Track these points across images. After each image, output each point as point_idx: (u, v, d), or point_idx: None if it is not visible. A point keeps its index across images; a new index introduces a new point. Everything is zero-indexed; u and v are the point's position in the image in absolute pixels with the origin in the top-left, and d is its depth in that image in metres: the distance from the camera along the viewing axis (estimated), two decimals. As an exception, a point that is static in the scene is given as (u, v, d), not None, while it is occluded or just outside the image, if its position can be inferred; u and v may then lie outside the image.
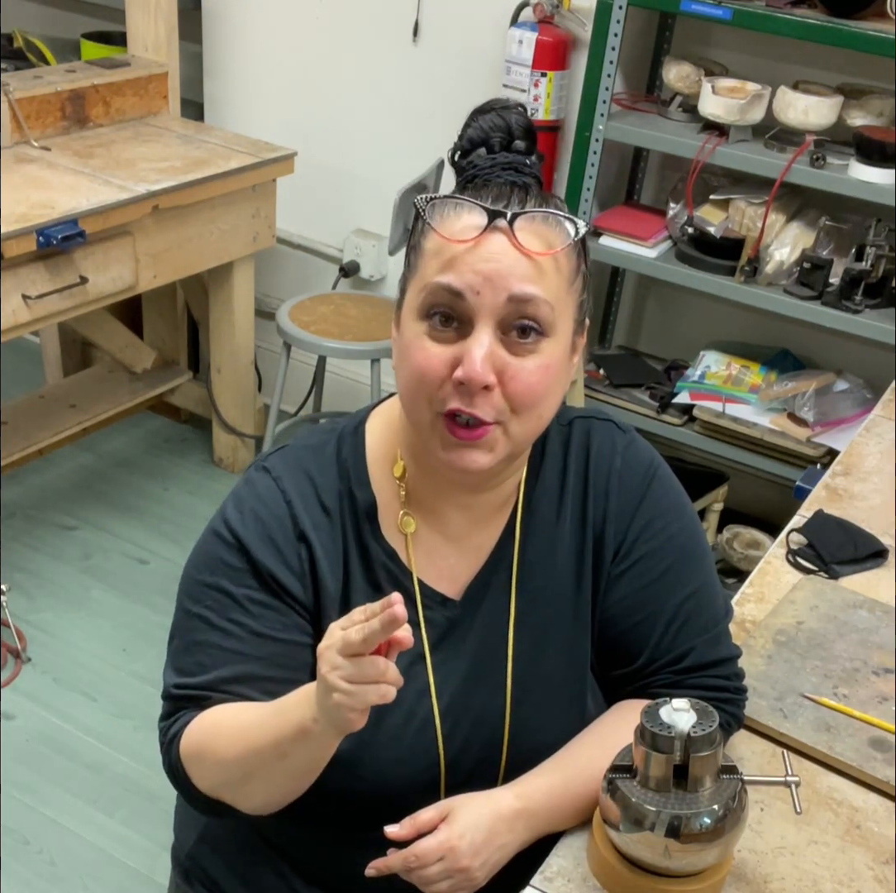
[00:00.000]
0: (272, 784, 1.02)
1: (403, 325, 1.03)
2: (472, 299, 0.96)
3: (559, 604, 1.13)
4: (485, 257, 0.96)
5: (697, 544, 1.14)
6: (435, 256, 0.99)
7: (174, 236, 2.66)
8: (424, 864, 1.02)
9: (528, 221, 0.97)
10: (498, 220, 0.96)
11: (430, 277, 0.98)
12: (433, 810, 1.04)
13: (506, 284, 0.96)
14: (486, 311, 0.97)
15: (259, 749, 0.99)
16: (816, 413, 2.51)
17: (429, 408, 1.00)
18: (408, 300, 1.02)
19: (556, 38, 2.62)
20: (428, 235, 1.00)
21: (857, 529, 1.56)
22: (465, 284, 0.96)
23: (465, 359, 0.96)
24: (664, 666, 1.11)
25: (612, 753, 1.02)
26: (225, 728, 1.03)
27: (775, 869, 1.06)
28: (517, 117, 1.03)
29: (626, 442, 1.15)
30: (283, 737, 0.97)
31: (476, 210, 0.97)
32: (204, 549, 1.11)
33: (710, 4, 2.32)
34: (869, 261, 2.40)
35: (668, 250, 2.64)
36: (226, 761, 1.02)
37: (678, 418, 2.67)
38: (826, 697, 1.25)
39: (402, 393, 1.04)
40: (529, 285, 0.97)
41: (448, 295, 0.97)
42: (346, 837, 1.15)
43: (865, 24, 2.24)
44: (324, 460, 1.11)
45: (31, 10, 3.54)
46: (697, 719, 0.96)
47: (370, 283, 3.25)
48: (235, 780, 1.03)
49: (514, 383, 0.98)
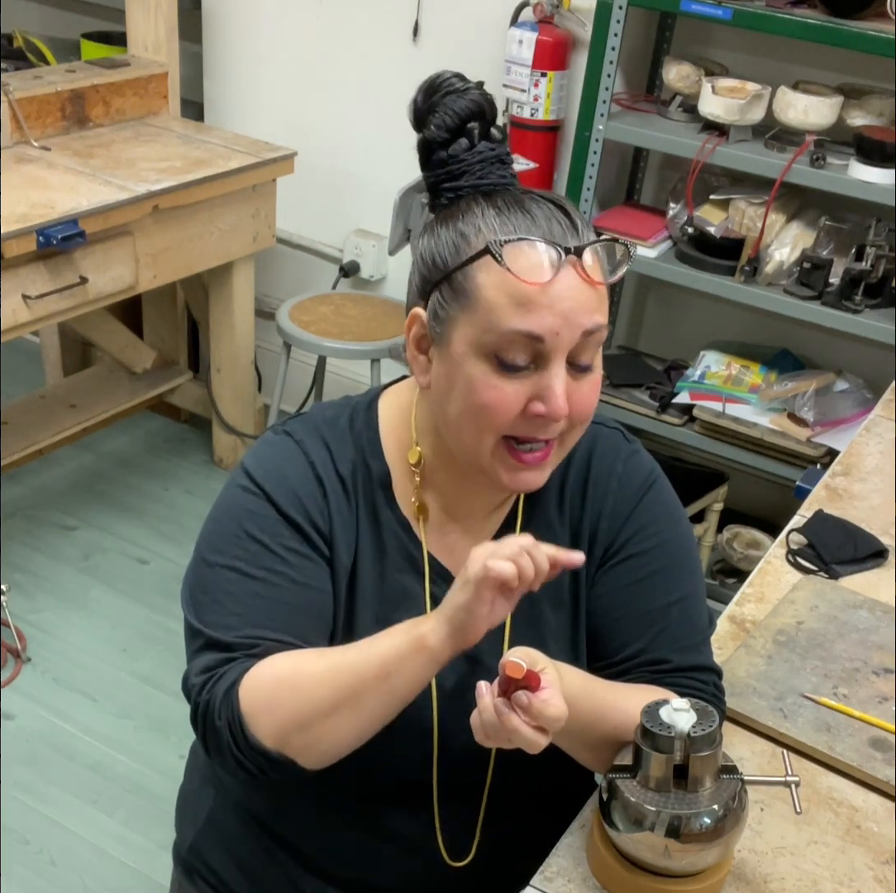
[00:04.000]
0: (362, 714, 0.99)
1: (458, 355, 1.00)
2: (551, 341, 0.97)
3: (557, 596, 1.13)
4: (561, 296, 0.96)
5: (689, 557, 1.15)
6: (503, 294, 0.96)
7: (174, 236, 2.66)
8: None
9: (591, 251, 0.98)
10: (569, 255, 0.96)
11: (503, 321, 0.96)
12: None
13: (580, 321, 0.97)
14: (564, 348, 0.98)
15: (360, 674, 0.97)
16: (816, 413, 2.51)
17: (492, 435, 1.01)
18: (464, 333, 0.99)
19: (556, 38, 2.62)
20: (485, 269, 0.97)
21: (857, 529, 1.56)
22: (545, 328, 0.96)
23: (548, 395, 0.98)
24: (641, 665, 1.11)
25: (638, 704, 1.00)
26: (309, 667, 1.00)
27: (775, 869, 1.06)
28: (483, 96, 1.02)
29: (630, 451, 1.16)
30: (390, 656, 0.96)
31: (548, 252, 0.96)
32: (228, 502, 1.10)
33: (710, 4, 2.32)
34: (869, 261, 2.40)
35: (668, 250, 2.64)
36: (313, 699, 0.98)
37: (678, 418, 2.67)
38: (826, 697, 1.25)
39: (461, 423, 1.02)
40: (597, 316, 0.99)
41: (526, 340, 0.97)
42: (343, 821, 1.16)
43: (865, 24, 2.24)
44: (337, 433, 1.12)
45: (31, 10, 3.54)
46: (697, 719, 0.96)
47: (370, 283, 3.25)
48: (318, 718, 0.98)
49: (579, 407, 1.01)
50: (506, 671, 0.89)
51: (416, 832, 1.15)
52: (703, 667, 1.12)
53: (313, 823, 1.18)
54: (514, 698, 0.89)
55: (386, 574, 1.11)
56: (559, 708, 0.90)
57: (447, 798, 1.14)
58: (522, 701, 0.89)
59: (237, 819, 1.24)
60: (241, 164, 2.73)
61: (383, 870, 1.17)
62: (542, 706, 0.89)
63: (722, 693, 1.13)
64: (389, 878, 1.18)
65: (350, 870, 1.18)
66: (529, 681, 0.89)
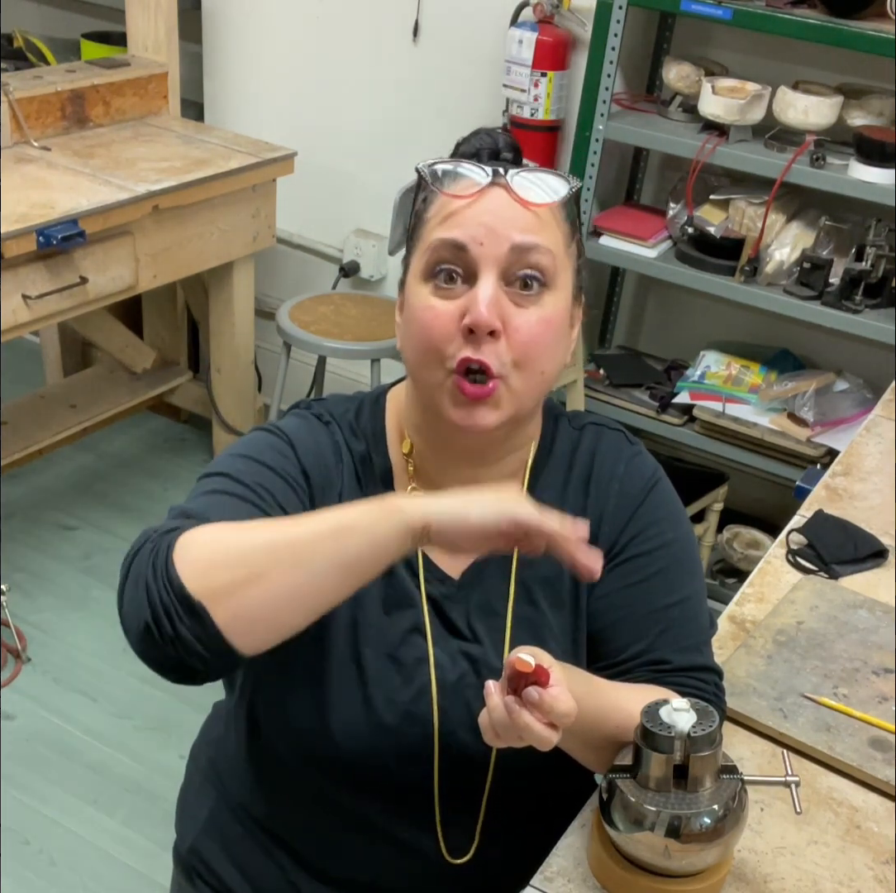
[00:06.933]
0: (303, 571, 0.89)
1: (409, 293, 1.05)
2: (475, 250, 1.00)
3: (557, 596, 1.13)
4: (486, 210, 1.00)
5: (690, 559, 1.15)
6: (437, 216, 1.03)
7: (174, 236, 2.65)
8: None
9: (525, 178, 1.02)
10: (497, 177, 1.01)
11: (431, 235, 1.02)
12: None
13: (508, 233, 1.00)
14: (490, 260, 1.00)
15: (310, 527, 0.91)
16: (816, 413, 2.51)
17: (440, 366, 1.02)
18: (412, 270, 1.05)
19: (556, 38, 2.62)
20: (430, 203, 1.04)
21: (857, 529, 1.56)
22: (467, 235, 1.00)
23: (472, 306, 0.99)
24: (642, 665, 1.11)
25: (640, 704, 0.99)
26: (257, 523, 0.96)
27: (775, 869, 1.06)
28: (505, 137, 1.09)
29: (633, 453, 1.17)
30: (349, 513, 0.91)
31: (476, 171, 1.02)
32: (249, 439, 1.10)
33: (710, 4, 2.32)
34: (869, 261, 2.40)
35: (668, 250, 2.64)
36: (251, 541, 0.91)
37: (678, 418, 2.68)
38: (826, 697, 1.25)
39: (412, 359, 1.06)
40: (531, 234, 1.01)
41: (452, 248, 1.00)
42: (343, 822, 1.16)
43: (865, 24, 2.24)
44: (346, 425, 1.14)
45: (31, 10, 3.54)
46: (697, 719, 0.96)
47: (370, 283, 3.25)
48: (253, 564, 0.89)
49: (518, 334, 1.01)
50: (515, 667, 0.89)
51: (416, 832, 1.15)
52: (704, 667, 1.12)
53: (313, 824, 1.18)
54: (524, 694, 0.89)
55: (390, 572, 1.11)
56: (569, 704, 0.90)
57: (448, 798, 1.14)
58: (533, 697, 0.89)
59: (237, 820, 1.25)
60: (241, 164, 2.73)
61: (383, 871, 1.17)
62: (552, 701, 0.89)
63: (723, 694, 1.13)
64: (389, 879, 1.18)
65: (350, 871, 1.18)
66: (539, 677, 0.89)
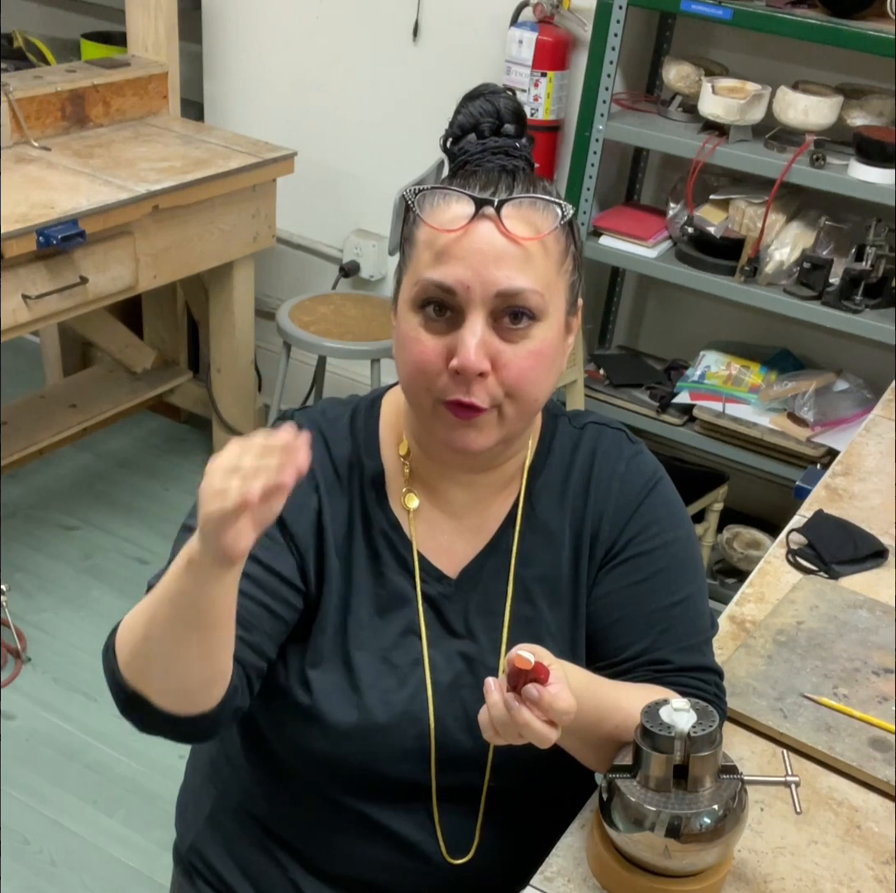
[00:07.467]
0: (169, 640, 0.95)
1: (400, 315, 1.05)
2: (462, 294, 0.98)
3: (556, 595, 1.13)
4: (473, 249, 0.98)
5: (691, 558, 1.15)
6: (426, 246, 1.01)
7: (174, 236, 2.65)
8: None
9: (516, 207, 0.99)
10: (485, 208, 0.98)
11: (422, 272, 1.00)
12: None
13: (494, 278, 0.98)
14: (477, 303, 0.99)
15: (158, 599, 0.95)
16: (816, 413, 2.51)
17: (429, 396, 1.02)
18: (403, 291, 1.05)
19: (556, 38, 2.62)
20: (419, 225, 1.02)
21: (857, 529, 1.56)
22: (455, 280, 0.98)
23: (460, 348, 0.98)
24: (643, 665, 1.11)
25: (641, 702, 0.99)
26: (139, 606, 1.00)
27: (775, 869, 1.06)
28: (506, 101, 1.04)
29: (634, 452, 1.16)
30: (171, 576, 0.93)
31: (464, 199, 0.99)
32: None
33: (710, 4, 2.32)
34: (869, 261, 2.40)
35: (668, 250, 2.64)
36: (136, 628, 0.98)
37: (678, 418, 2.68)
38: (826, 697, 1.25)
39: (403, 382, 1.06)
40: (517, 278, 0.98)
41: (439, 291, 0.99)
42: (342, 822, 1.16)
43: (865, 24, 2.24)
44: (338, 433, 1.14)
45: (31, 10, 3.54)
46: (697, 719, 0.96)
47: (370, 283, 3.25)
48: (143, 646, 0.97)
49: (508, 370, 1.00)
50: (515, 664, 0.89)
51: (415, 832, 1.15)
52: (705, 668, 1.12)
53: (313, 823, 1.18)
54: (524, 691, 0.89)
55: (380, 573, 1.12)
56: (568, 701, 0.90)
57: (446, 798, 1.14)
58: (533, 694, 0.89)
59: (237, 820, 1.25)
60: (241, 164, 2.73)
61: (383, 870, 1.17)
62: (552, 698, 0.89)
63: (723, 694, 1.13)
64: (389, 878, 1.18)
65: (350, 870, 1.18)
66: (539, 673, 0.89)
